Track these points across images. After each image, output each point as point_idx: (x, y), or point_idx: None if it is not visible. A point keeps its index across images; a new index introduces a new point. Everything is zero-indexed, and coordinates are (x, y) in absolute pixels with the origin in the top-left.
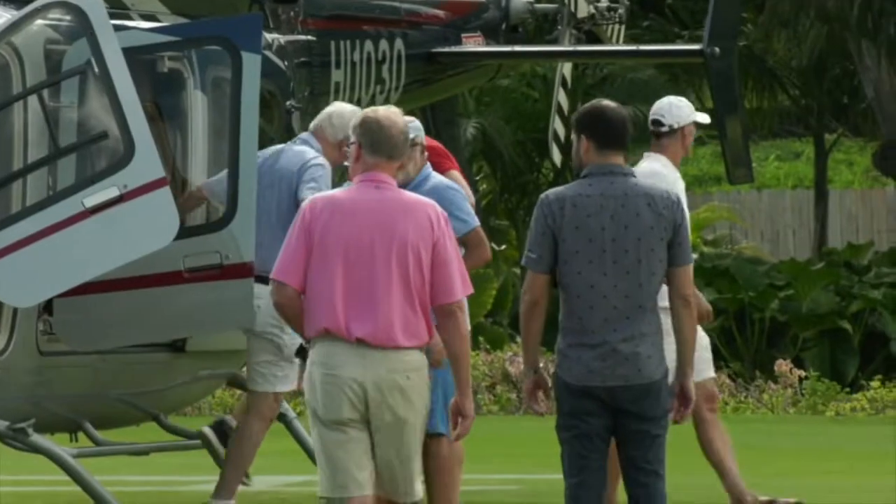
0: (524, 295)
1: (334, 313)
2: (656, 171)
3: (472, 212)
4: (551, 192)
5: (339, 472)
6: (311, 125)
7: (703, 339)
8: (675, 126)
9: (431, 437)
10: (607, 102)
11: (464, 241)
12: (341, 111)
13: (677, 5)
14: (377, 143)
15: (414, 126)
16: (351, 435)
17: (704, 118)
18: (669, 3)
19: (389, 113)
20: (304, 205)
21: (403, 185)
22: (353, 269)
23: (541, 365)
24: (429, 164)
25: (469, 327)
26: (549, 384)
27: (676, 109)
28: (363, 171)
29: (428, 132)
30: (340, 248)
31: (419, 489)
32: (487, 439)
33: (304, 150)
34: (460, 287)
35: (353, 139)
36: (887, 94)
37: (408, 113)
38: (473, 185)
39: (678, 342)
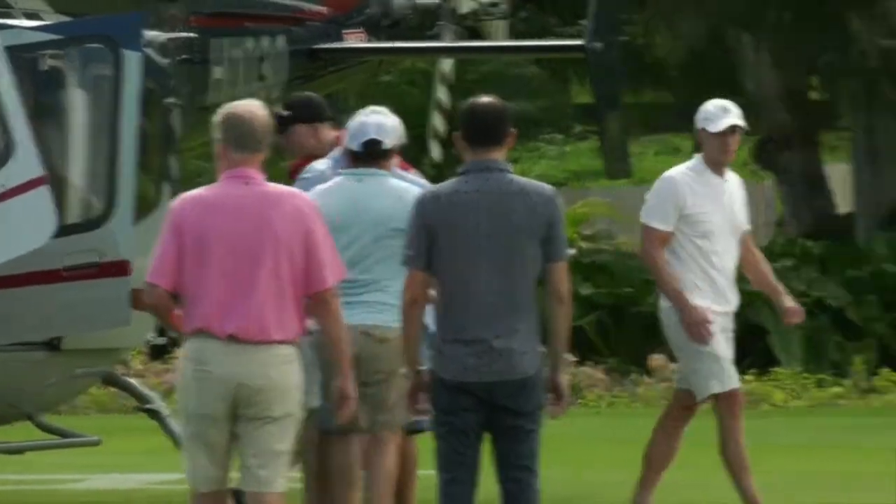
0: (404, 293)
1: (206, 310)
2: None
3: None
4: (428, 189)
5: (202, 467)
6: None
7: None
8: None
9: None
10: (485, 98)
11: None
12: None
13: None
14: (240, 139)
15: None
16: (217, 431)
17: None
18: None
19: (250, 107)
20: (172, 204)
21: None
22: (224, 265)
23: (423, 366)
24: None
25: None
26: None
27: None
28: (229, 167)
29: None
30: (210, 245)
31: (283, 482)
32: None
33: None
34: (332, 274)
35: (216, 136)
36: (767, 88)
37: None
38: None
39: (551, 338)
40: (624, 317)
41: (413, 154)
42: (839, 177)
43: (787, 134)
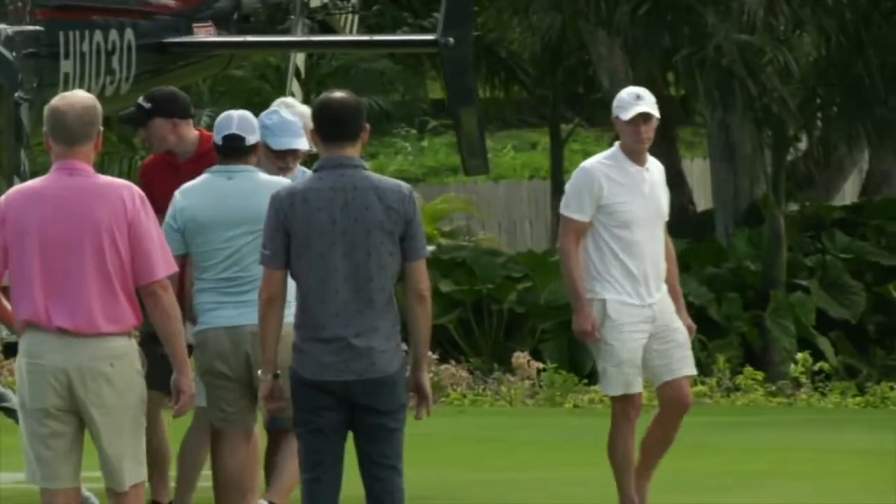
0: (261, 293)
1: (34, 304)
2: None
3: None
4: (283, 188)
5: (44, 465)
6: None
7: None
8: None
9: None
10: (337, 93)
11: None
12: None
13: None
14: (59, 131)
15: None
16: (56, 426)
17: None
18: None
19: (69, 98)
20: (0, 199)
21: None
22: (49, 257)
23: (277, 371)
24: None
25: (177, 307)
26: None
27: None
28: (55, 159)
29: None
30: (35, 237)
31: (132, 477)
32: None
33: None
34: (162, 266)
35: (45, 129)
36: (622, 84)
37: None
38: None
39: (412, 337)
40: (485, 314)
41: None
42: (698, 173)
43: None
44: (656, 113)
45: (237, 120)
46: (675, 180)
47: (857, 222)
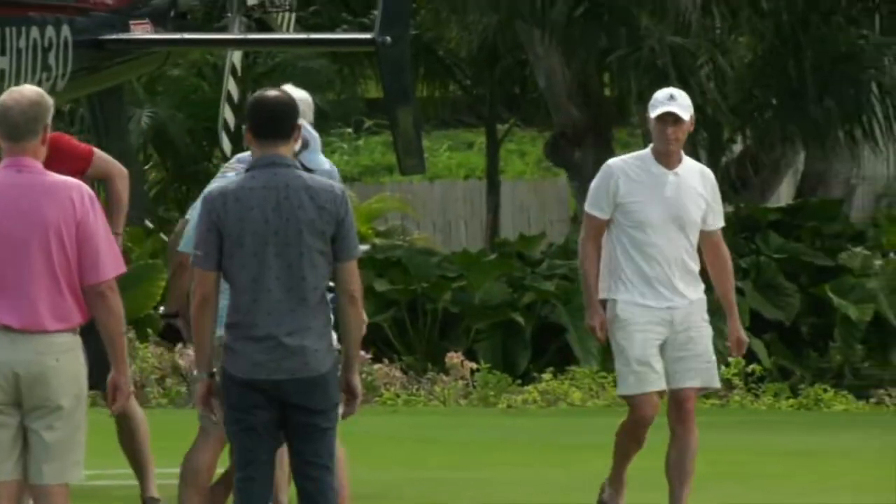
0: (195, 294)
1: None
2: None
3: None
4: (215, 187)
5: None
6: None
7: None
8: None
9: None
10: (271, 92)
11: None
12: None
13: None
14: (5, 127)
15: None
16: (1, 419)
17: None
18: None
19: (14, 94)
20: None
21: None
22: None
23: (213, 370)
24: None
25: (122, 307)
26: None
27: None
28: (4, 155)
29: (93, 117)
30: None
31: (63, 473)
32: (156, 433)
33: None
34: (110, 266)
35: None
36: (559, 84)
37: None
38: (142, 172)
39: (344, 337)
40: (420, 313)
41: (205, 148)
42: None
43: (579, 130)
44: (685, 115)
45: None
46: None
47: (792, 224)
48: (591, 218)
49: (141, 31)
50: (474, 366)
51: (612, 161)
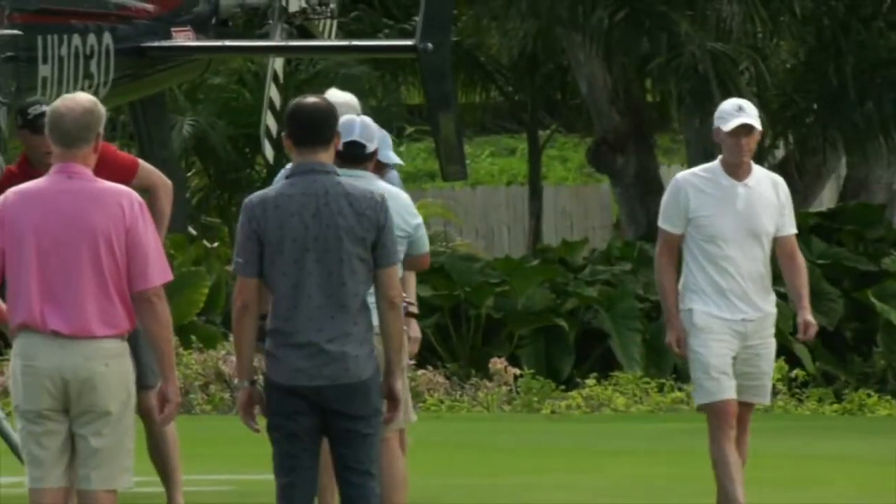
0: (235, 301)
1: (29, 306)
2: None
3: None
4: (255, 195)
5: (36, 465)
6: None
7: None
8: None
9: None
10: (311, 98)
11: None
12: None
13: None
14: (58, 133)
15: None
16: (49, 427)
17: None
18: None
19: (67, 101)
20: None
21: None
22: (46, 260)
23: (256, 376)
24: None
25: (169, 315)
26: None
27: None
28: (55, 161)
29: (136, 126)
30: (32, 240)
31: (111, 479)
32: (201, 439)
33: None
34: (157, 274)
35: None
36: (601, 90)
37: (116, 108)
38: (185, 180)
39: (385, 343)
40: (462, 320)
41: (247, 155)
42: None
43: (621, 135)
44: (758, 125)
45: (359, 127)
46: (652, 186)
47: (834, 228)
48: (664, 233)
49: (183, 38)
50: (517, 371)
51: (680, 175)
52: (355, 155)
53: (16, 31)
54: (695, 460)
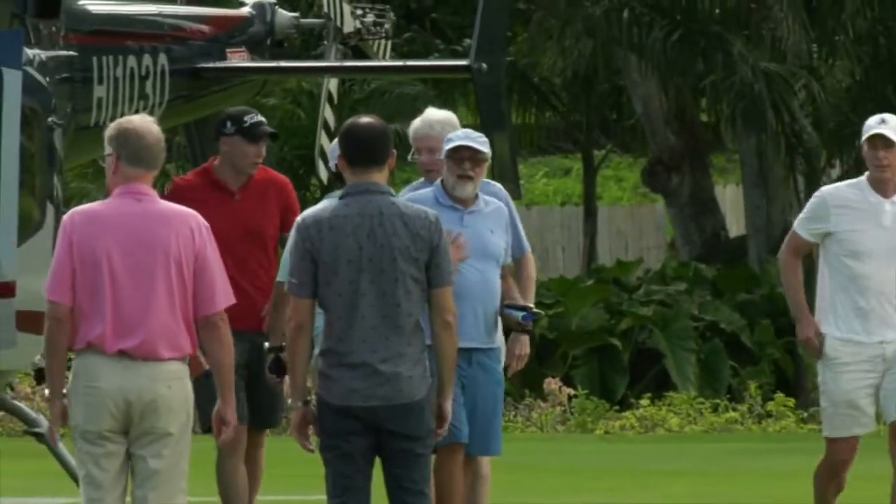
0: (290, 321)
1: (100, 326)
2: None
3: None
4: (308, 214)
5: (95, 487)
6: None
7: None
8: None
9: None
10: (364, 119)
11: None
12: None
13: (440, 19)
14: (134, 154)
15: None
16: (109, 449)
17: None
18: (433, 16)
19: (144, 122)
20: (64, 219)
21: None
22: (117, 281)
23: (309, 396)
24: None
25: (231, 339)
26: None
27: None
28: (123, 182)
29: (191, 148)
30: (103, 261)
31: (181, 501)
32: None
33: None
34: (223, 297)
35: (108, 151)
36: (656, 110)
37: (171, 129)
38: None
39: (438, 362)
40: None
41: (301, 175)
42: (731, 199)
43: (676, 155)
44: None
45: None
46: (707, 206)
47: None
48: (795, 235)
49: (237, 59)
50: (571, 392)
51: (824, 189)
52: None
53: (71, 53)
54: (749, 481)
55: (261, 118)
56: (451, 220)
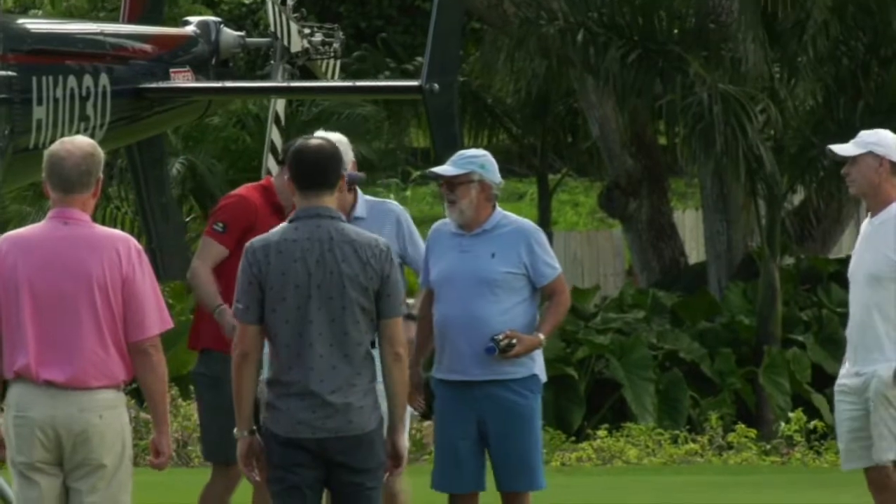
0: (234, 349)
1: (24, 356)
2: None
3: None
4: (257, 239)
5: None
6: None
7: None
8: None
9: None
10: (313, 140)
11: (551, 287)
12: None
13: (390, 38)
14: (56, 178)
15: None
16: (43, 480)
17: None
18: (383, 35)
19: (68, 144)
20: None
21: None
22: (40, 309)
23: (253, 427)
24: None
25: (165, 367)
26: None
27: None
28: (52, 206)
29: (133, 171)
30: (26, 288)
31: None
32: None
33: None
34: (155, 323)
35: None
36: (613, 132)
37: (113, 152)
38: (184, 225)
39: (388, 398)
40: None
41: None
42: (690, 224)
43: (634, 179)
44: (858, 151)
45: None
46: (666, 232)
47: None
48: None
49: (182, 79)
50: None
51: None
52: None
53: (9, 73)
54: None
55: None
56: (451, 245)
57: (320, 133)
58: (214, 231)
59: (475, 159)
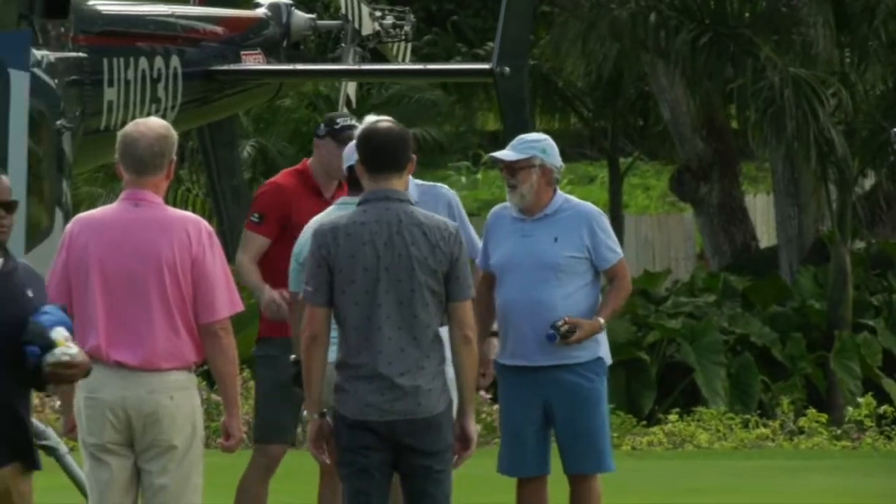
0: (304, 331)
1: (94, 336)
2: None
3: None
4: (325, 221)
5: (102, 501)
6: None
7: None
8: None
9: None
10: (382, 123)
11: (612, 271)
12: None
13: (461, 21)
14: (129, 159)
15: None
16: (114, 461)
17: None
18: (454, 19)
19: (142, 126)
20: (67, 226)
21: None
22: (110, 290)
23: (325, 409)
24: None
25: (235, 350)
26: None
27: None
28: (125, 188)
29: (205, 153)
30: (97, 269)
31: None
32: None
33: None
34: (225, 305)
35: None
36: (684, 116)
37: (184, 134)
38: None
39: (458, 381)
40: None
41: None
42: (762, 208)
43: (705, 163)
44: None
45: None
46: (737, 215)
47: None
48: None
49: (252, 61)
50: None
51: None
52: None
53: (81, 54)
54: (780, 499)
55: (354, 122)
56: (512, 230)
57: (371, 117)
58: (252, 222)
59: (536, 143)
